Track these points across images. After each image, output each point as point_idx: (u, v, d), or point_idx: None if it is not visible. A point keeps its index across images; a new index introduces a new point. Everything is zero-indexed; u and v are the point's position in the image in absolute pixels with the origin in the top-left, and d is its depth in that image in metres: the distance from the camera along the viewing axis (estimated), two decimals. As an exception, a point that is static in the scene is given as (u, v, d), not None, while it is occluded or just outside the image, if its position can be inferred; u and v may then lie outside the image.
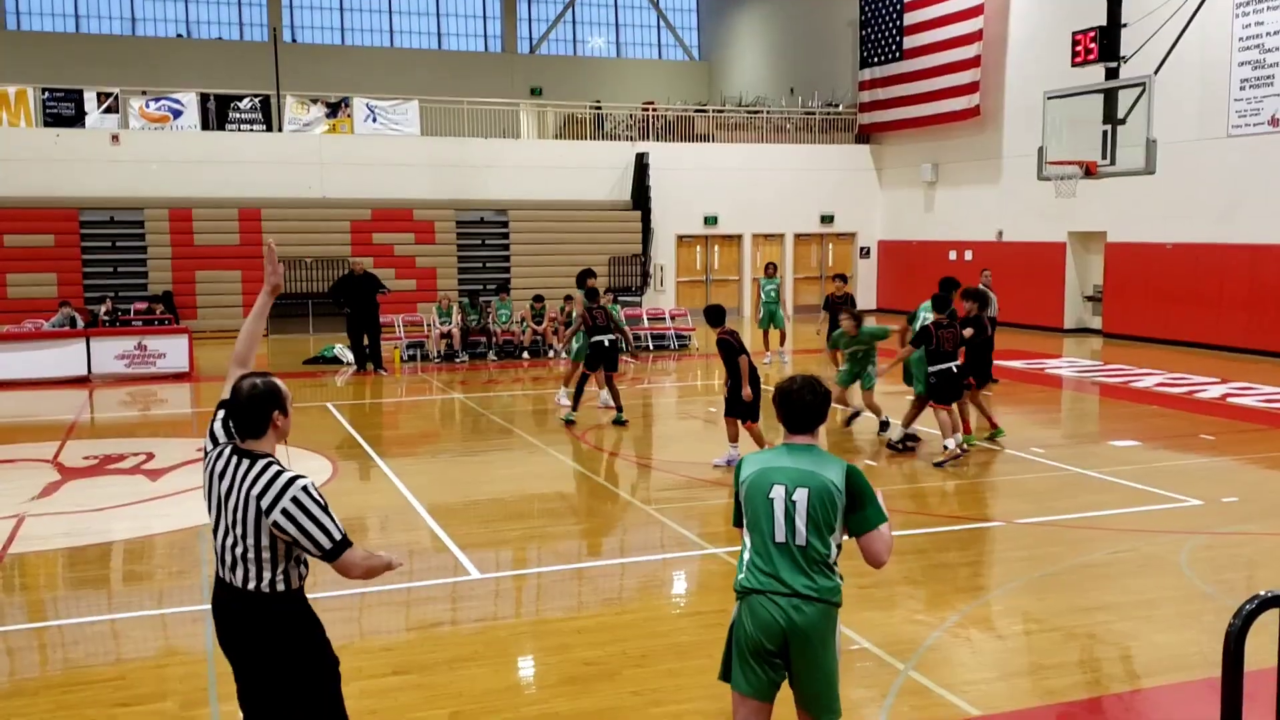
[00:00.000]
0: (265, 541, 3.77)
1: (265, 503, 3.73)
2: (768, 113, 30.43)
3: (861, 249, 29.81)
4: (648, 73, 38.81)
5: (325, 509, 3.78)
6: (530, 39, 38.66)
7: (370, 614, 6.91)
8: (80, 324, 19.15)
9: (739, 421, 10.57)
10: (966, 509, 9.52)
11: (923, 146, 27.85)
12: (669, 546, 8.40)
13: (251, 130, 25.19)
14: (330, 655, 4.04)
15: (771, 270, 19.66)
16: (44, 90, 24.11)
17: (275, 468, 3.80)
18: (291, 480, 3.76)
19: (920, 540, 8.31)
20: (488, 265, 26.40)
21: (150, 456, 11.39)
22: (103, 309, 21.25)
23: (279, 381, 3.93)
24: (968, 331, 11.54)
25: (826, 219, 29.37)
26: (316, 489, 3.80)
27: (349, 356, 19.03)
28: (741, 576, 3.98)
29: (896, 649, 6.08)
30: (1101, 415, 14.51)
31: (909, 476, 10.61)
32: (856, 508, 3.92)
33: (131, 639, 6.60)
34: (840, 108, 30.33)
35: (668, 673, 5.81)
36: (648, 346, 21.73)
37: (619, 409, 13.35)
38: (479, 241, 26.52)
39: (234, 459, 3.87)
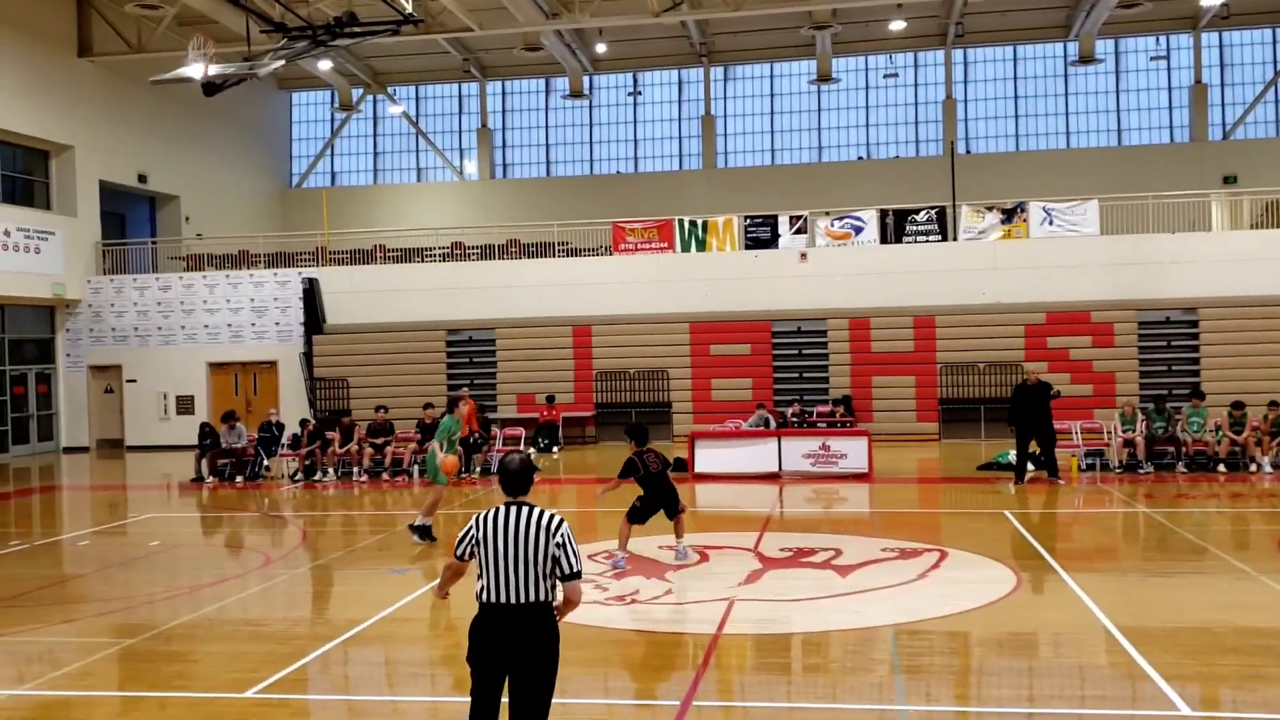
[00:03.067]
0: (546, 561, 5.20)
1: (551, 530, 5.24)
2: None
3: None
4: (1376, 145, 33.47)
5: (575, 545, 5.30)
6: (1223, 124, 35.44)
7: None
8: (773, 424, 21.00)
9: None
10: None
11: None
12: None
13: (928, 241, 26.08)
14: None
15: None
16: (745, 218, 27.26)
17: (548, 511, 5.32)
18: (561, 520, 5.30)
19: None
20: (1174, 368, 24.32)
21: (838, 553, 11.98)
22: (791, 411, 23.11)
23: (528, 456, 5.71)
24: None
25: None
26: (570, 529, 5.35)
27: (1030, 464, 18.41)
28: None
29: None
30: None
31: None
32: None
33: (827, 728, 6.90)
34: None
35: None
36: (1385, 464, 18.35)
37: None
38: (1164, 343, 24.59)
39: (511, 509, 5.33)
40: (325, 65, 34.31)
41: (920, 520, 15.29)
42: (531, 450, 21.51)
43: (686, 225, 27.21)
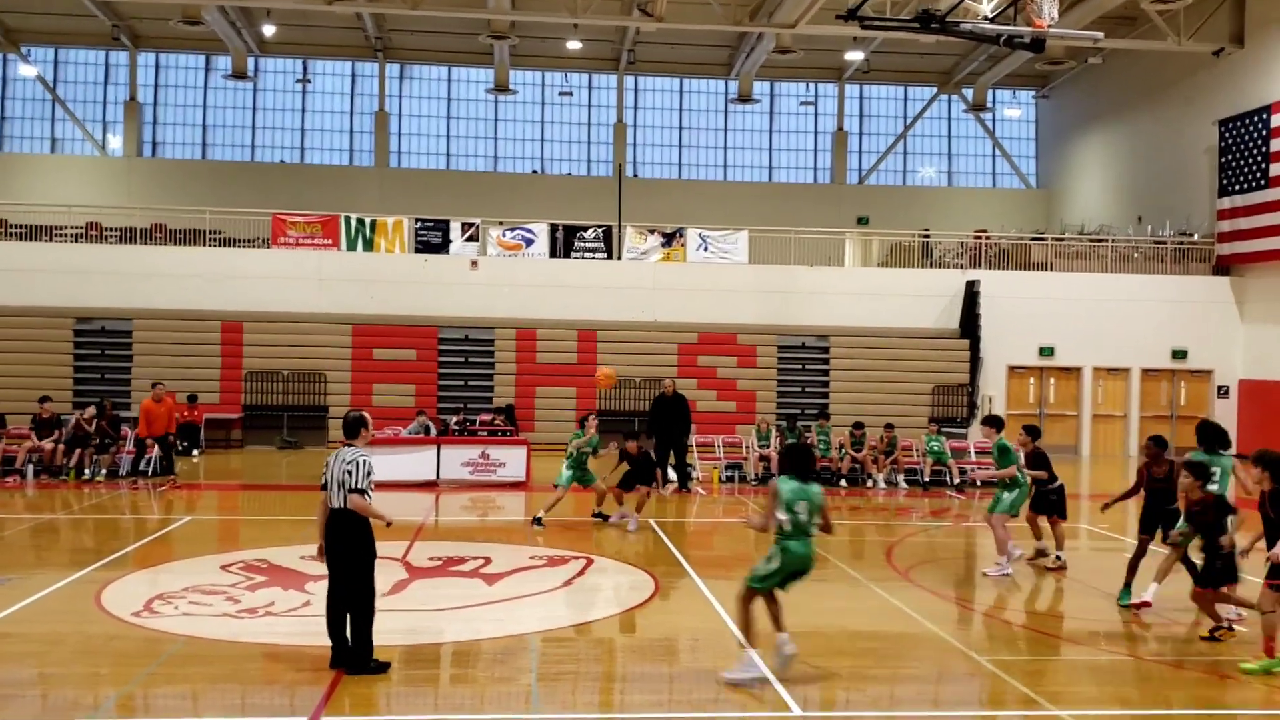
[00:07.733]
0: (342, 480, 7.79)
1: (346, 460, 7.82)
2: (1113, 241, 28.85)
3: (1219, 388, 27.27)
4: (980, 200, 37.96)
5: (368, 474, 7.80)
6: (859, 170, 38.98)
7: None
8: (433, 432, 20.72)
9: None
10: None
11: (1294, 278, 25.33)
12: (1010, 703, 7.76)
13: (594, 258, 26.78)
14: (372, 546, 7.97)
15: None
16: (417, 221, 26.82)
17: (355, 451, 7.90)
18: (359, 454, 7.86)
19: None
20: (807, 390, 26.37)
21: (488, 561, 11.97)
22: (454, 419, 22.90)
23: (365, 414, 8.20)
24: None
25: (1179, 354, 27.18)
26: (370, 463, 7.85)
27: (672, 474, 19.32)
28: (791, 542, 8.19)
29: None
30: None
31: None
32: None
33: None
34: (1195, 237, 28.27)
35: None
36: (975, 482, 20.72)
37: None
38: (799, 367, 26.60)
39: (340, 449, 7.95)
40: (-56, 12, 30.39)
41: (571, 527, 15.56)
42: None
43: (354, 223, 26.37)
